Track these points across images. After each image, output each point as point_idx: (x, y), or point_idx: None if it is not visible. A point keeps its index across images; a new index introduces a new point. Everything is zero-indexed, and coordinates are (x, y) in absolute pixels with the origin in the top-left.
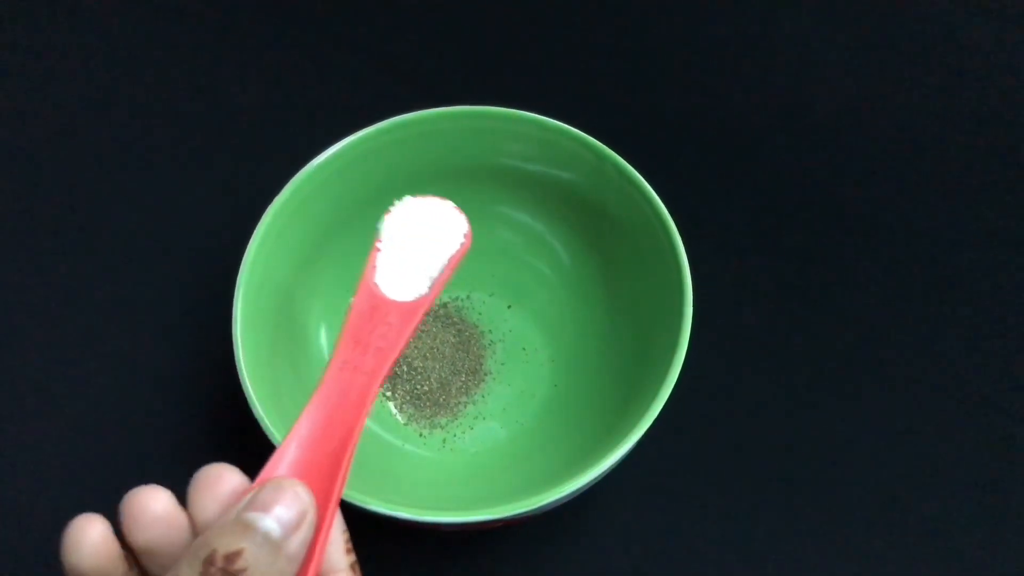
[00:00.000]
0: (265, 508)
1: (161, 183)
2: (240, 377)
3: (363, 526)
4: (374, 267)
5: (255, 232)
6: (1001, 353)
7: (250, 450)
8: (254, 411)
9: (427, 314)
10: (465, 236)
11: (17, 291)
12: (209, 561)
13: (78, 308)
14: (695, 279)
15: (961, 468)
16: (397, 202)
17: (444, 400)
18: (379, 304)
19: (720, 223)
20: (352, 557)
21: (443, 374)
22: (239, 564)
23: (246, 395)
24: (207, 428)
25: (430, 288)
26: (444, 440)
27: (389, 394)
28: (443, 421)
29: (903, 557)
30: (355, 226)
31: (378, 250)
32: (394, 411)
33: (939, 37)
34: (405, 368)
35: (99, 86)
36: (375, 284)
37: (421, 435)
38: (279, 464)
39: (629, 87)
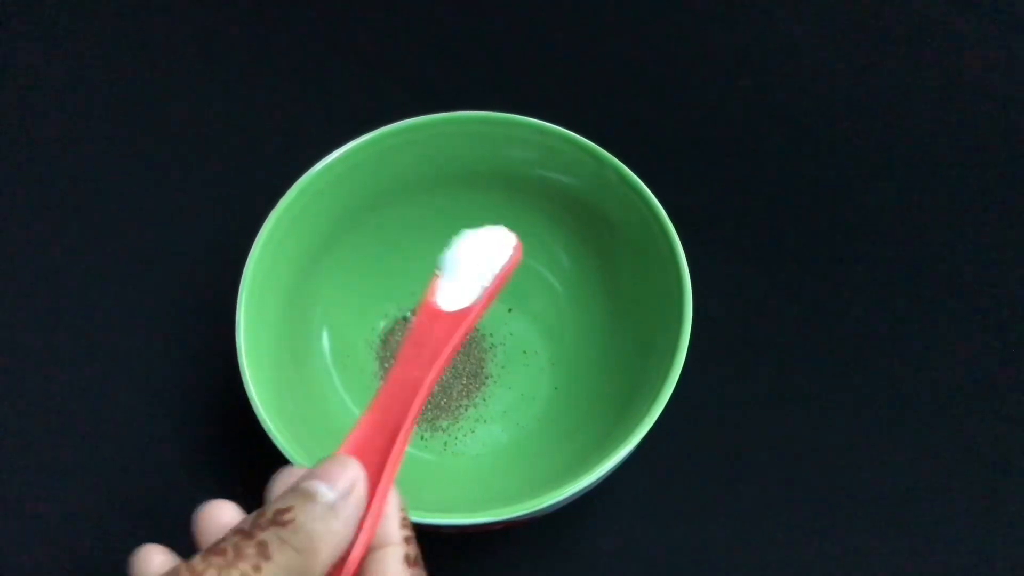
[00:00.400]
0: (319, 477)
1: (163, 189)
2: (243, 379)
3: None
4: (435, 291)
5: (258, 237)
6: (1001, 354)
7: (253, 452)
8: (256, 413)
9: (479, 320)
10: (514, 249)
11: (20, 296)
12: (261, 514)
13: (81, 313)
14: (695, 283)
15: (960, 468)
16: (455, 237)
17: (445, 403)
18: (437, 316)
19: (720, 227)
20: (407, 531)
21: (444, 377)
22: (288, 516)
23: (249, 397)
24: (210, 431)
25: (481, 296)
26: (445, 443)
27: None
28: (444, 424)
29: (903, 557)
30: (357, 230)
31: (438, 276)
32: None
33: (937, 39)
34: None
35: (101, 91)
36: (434, 303)
37: (422, 438)
38: (345, 445)
39: (629, 93)
